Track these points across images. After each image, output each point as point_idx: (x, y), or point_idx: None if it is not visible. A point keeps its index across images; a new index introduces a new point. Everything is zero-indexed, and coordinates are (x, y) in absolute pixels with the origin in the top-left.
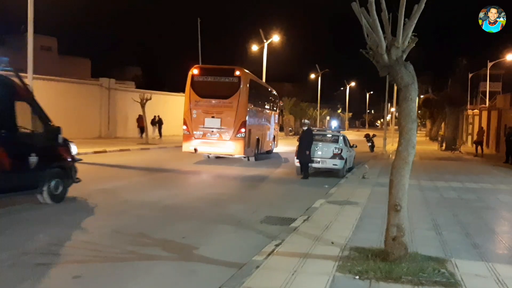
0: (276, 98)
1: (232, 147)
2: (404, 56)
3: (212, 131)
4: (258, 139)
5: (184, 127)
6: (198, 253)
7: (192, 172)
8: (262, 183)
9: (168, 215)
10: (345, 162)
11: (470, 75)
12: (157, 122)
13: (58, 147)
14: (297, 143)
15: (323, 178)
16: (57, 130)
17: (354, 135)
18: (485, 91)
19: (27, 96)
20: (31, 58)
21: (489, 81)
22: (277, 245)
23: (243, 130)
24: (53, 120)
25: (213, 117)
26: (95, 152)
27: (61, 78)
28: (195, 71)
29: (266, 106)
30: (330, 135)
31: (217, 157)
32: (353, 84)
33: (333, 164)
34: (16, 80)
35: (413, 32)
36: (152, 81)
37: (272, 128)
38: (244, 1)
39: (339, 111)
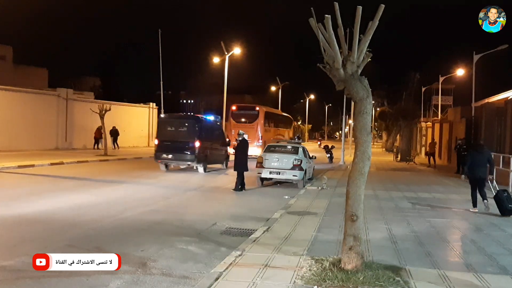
0: (290, 120)
1: (254, 150)
2: (360, 71)
3: None
4: None
5: (227, 139)
6: (157, 266)
7: (153, 184)
8: (223, 194)
9: (127, 228)
10: (305, 173)
11: (423, 89)
12: (113, 133)
13: (226, 147)
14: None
15: (283, 189)
16: (228, 139)
17: (314, 146)
18: (437, 105)
19: (221, 127)
20: None
21: (441, 95)
22: (237, 256)
23: (260, 141)
24: (8, 132)
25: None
26: (52, 164)
27: (16, 87)
28: (233, 107)
29: (281, 126)
30: (290, 147)
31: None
32: (312, 96)
33: (293, 175)
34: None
35: (368, 47)
36: (112, 91)
37: None
38: (205, 13)
39: (299, 122)
